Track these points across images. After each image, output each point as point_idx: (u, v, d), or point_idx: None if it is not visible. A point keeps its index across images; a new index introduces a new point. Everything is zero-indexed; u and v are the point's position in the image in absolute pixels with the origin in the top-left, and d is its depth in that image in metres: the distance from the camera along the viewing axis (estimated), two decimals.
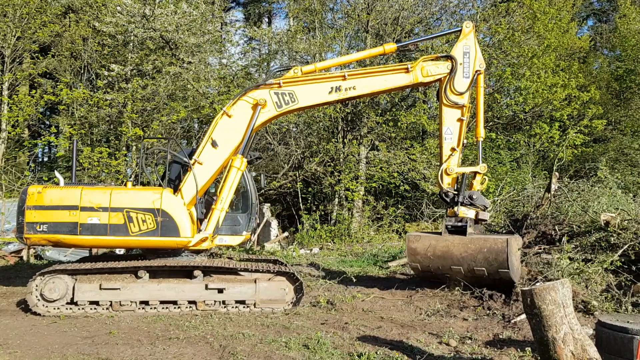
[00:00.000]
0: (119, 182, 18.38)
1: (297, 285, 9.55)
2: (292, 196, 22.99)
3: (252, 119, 9.67)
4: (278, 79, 9.76)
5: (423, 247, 9.93)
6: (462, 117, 9.88)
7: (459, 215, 9.75)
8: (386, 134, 21.61)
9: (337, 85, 9.73)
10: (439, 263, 9.81)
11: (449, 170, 9.89)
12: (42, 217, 9.10)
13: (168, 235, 9.22)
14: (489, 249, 9.30)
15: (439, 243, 9.77)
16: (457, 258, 9.58)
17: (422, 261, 9.96)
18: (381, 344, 7.12)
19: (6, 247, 15.03)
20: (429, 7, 21.78)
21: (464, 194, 9.72)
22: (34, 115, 22.46)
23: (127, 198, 9.28)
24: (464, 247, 9.53)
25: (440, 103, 10.02)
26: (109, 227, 9.14)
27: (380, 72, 9.91)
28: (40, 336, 7.46)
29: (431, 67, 9.85)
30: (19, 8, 21.07)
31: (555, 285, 5.39)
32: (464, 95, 9.86)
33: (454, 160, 9.91)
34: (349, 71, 9.96)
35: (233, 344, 7.11)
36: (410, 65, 9.76)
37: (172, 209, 9.29)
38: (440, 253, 9.74)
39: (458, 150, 9.89)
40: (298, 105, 9.79)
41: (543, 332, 5.37)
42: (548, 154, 22.40)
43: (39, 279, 8.84)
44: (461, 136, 9.91)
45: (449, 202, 9.89)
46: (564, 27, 25.08)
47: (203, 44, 21.53)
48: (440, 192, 10.11)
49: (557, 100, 20.77)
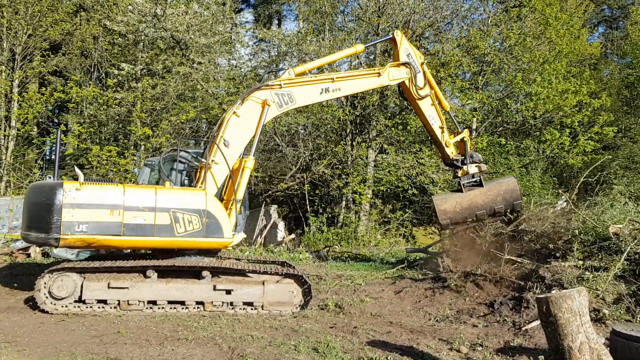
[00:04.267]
0: (128, 181, 18.37)
1: (306, 288, 9.51)
2: (300, 198, 22.94)
3: (262, 117, 10.01)
4: (279, 80, 10.30)
5: (451, 206, 11.77)
6: (434, 102, 11.94)
7: (469, 172, 11.86)
8: (395, 137, 21.54)
9: (326, 87, 10.82)
10: (466, 213, 11.70)
11: (447, 142, 12.05)
12: (82, 216, 8.55)
13: (213, 236, 9.19)
14: (506, 190, 11.66)
15: (464, 199, 11.72)
16: (481, 205, 11.65)
17: (452, 217, 11.74)
18: (391, 349, 7.05)
19: (14, 244, 15.03)
20: (440, 11, 21.70)
21: (469, 155, 11.91)
22: (43, 113, 22.51)
23: (173, 198, 9.13)
24: (484, 195, 11.67)
25: (413, 101, 11.94)
26: (155, 228, 8.94)
27: (360, 76, 11.39)
28: (48, 334, 7.42)
29: (395, 72, 11.56)
30: (30, 6, 21.14)
31: (572, 293, 5.32)
32: (425, 86, 11.76)
33: (446, 135, 12.07)
34: (337, 75, 11.10)
35: (242, 346, 7.05)
36: (381, 71, 11.39)
37: (216, 209, 9.27)
38: (466, 205, 11.67)
39: (444, 126, 12.05)
40: (295, 105, 10.67)
41: (559, 340, 5.29)
42: (558, 160, 22.23)
43: (48, 276, 8.78)
44: (440, 115, 12.01)
45: (460, 164, 11.97)
46: (576, 34, 24.94)
47: (213, 44, 21.52)
48: (450, 161, 12.16)
49: (567, 107, 20.62)
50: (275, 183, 22.99)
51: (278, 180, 23.09)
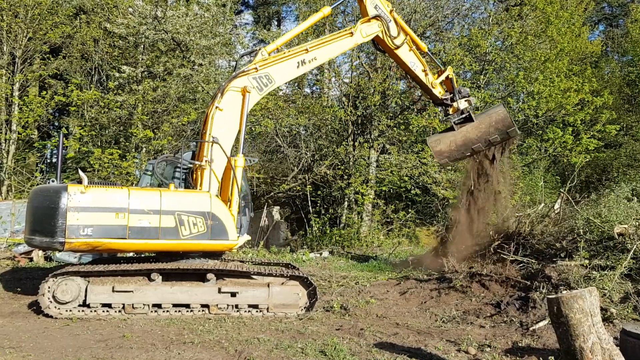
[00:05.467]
0: (130, 184, 18.32)
1: (311, 289, 9.46)
2: (302, 199, 22.88)
3: (244, 106, 9.88)
4: (254, 64, 10.13)
5: (446, 145, 12.09)
6: (411, 48, 12.00)
7: (460, 108, 12.19)
8: (397, 137, 21.48)
9: (301, 59, 10.59)
10: (462, 150, 12.03)
11: (434, 84, 12.29)
12: (87, 220, 8.47)
13: (217, 238, 9.15)
14: (497, 120, 11.82)
15: (457, 136, 12.01)
16: (475, 139, 11.90)
17: (449, 155, 12.12)
18: (399, 351, 7.00)
19: (16, 249, 14.98)
20: (441, 10, 21.66)
21: (457, 91, 12.26)
22: (44, 117, 22.45)
23: (177, 200, 9.09)
24: (476, 128, 11.89)
25: (390, 52, 11.90)
26: (160, 230, 8.89)
27: (332, 40, 11.10)
28: (53, 339, 7.37)
29: (367, 28, 11.46)
30: (30, 9, 21.08)
31: (583, 293, 5.27)
32: (399, 34, 11.75)
33: (430, 76, 12.24)
34: (310, 44, 10.82)
35: (249, 349, 7.00)
36: (353, 30, 11.21)
37: (220, 211, 9.22)
38: (461, 142, 11.96)
39: (427, 69, 12.17)
40: (275, 85, 10.53)
41: (570, 341, 5.24)
42: (560, 159, 22.17)
43: (52, 280, 8.72)
44: (420, 59, 12.11)
45: (450, 102, 12.31)
46: (576, 32, 24.89)
47: (214, 46, 21.47)
48: (439, 101, 12.49)
49: (570, 105, 20.56)
50: (277, 184, 22.94)
51: (280, 181, 23.04)
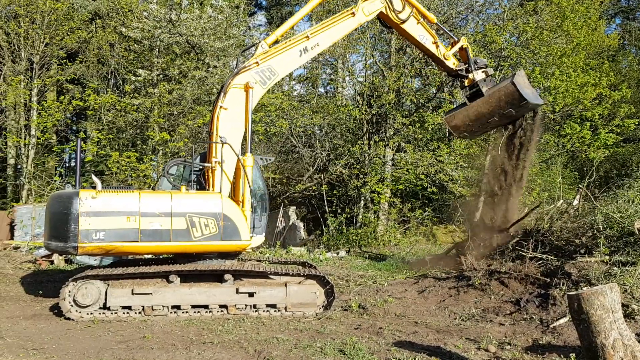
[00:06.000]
0: (147, 187, 18.47)
1: (328, 288, 9.47)
2: (318, 199, 22.90)
3: (248, 103, 9.86)
4: (254, 58, 10.07)
5: (460, 120, 11.97)
6: (418, 21, 11.62)
7: (476, 79, 11.74)
8: (412, 135, 21.39)
9: (303, 46, 10.42)
10: (478, 124, 11.80)
11: (446, 55, 11.90)
12: (99, 224, 8.65)
13: (230, 239, 9.21)
14: (506, 94, 11.30)
15: (469, 111, 11.80)
16: (488, 113, 11.59)
17: (466, 129, 12.03)
18: (418, 350, 6.98)
19: (37, 252, 15.19)
20: (454, 7, 21.54)
21: (473, 62, 11.83)
22: (62, 121, 22.71)
23: (188, 203, 9.17)
24: (487, 103, 11.54)
25: (397, 27, 11.57)
26: (171, 233, 9.00)
27: (334, 22, 10.83)
28: (75, 341, 7.46)
29: (369, 5, 11.14)
30: (47, 15, 21.34)
31: (604, 289, 5.22)
32: (404, 7, 11.38)
33: (442, 48, 11.88)
34: (310, 30, 10.60)
35: (268, 348, 7.03)
36: (354, 10, 10.90)
37: (232, 212, 9.28)
38: (474, 117, 11.74)
39: (437, 40, 11.87)
40: (279, 76, 10.39)
41: (591, 338, 5.20)
42: (578, 155, 21.92)
43: (72, 284, 8.83)
44: (429, 31, 11.77)
45: (465, 73, 11.89)
46: (593, 26, 24.58)
47: (228, 48, 21.55)
48: (454, 72, 12.06)
49: (587, 100, 20.31)
50: (293, 184, 22.99)
51: (296, 181, 23.08)
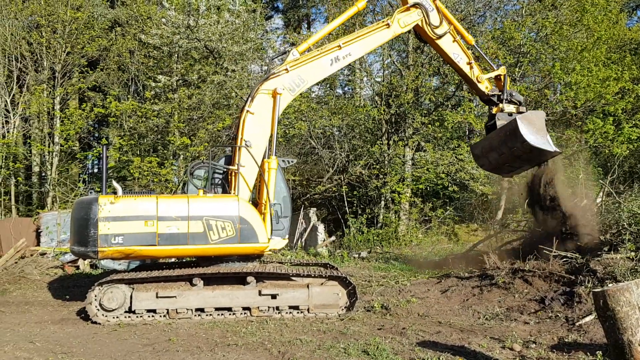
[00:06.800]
0: (169, 191, 18.67)
1: (350, 289, 9.48)
2: (338, 200, 22.90)
3: (275, 109, 9.88)
4: (285, 65, 10.07)
5: (479, 150, 12.15)
6: (455, 38, 11.41)
7: (505, 110, 11.45)
8: (432, 134, 21.28)
9: (335, 56, 10.40)
10: (493, 156, 11.64)
11: (479, 78, 11.61)
12: (117, 229, 8.87)
13: (247, 242, 9.27)
14: (509, 128, 10.97)
15: (485, 142, 11.96)
16: (497, 146, 11.38)
17: (484, 162, 12.12)
18: (442, 350, 6.95)
19: (63, 257, 15.45)
20: (472, 4, 21.39)
21: (507, 92, 11.48)
22: (84, 128, 23.08)
23: (205, 206, 9.27)
24: (497, 136, 11.36)
25: (432, 42, 11.39)
26: (188, 236, 9.09)
27: (368, 33, 10.76)
28: (102, 344, 7.58)
29: (405, 17, 11.01)
30: (68, 24, 21.71)
31: (630, 286, 5.15)
32: (442, 23, 11.21)
33: (475, 70, 11.59)
34: (343, 40, 10.54)
35: (292, 350, 7.06)
36: (389, 21, 10.81)
37: (249, 215, 9.34)
38: (488, 148, 11.73)
39: (472, 61, 11.58)
40: (308, 84, 10.40)
41: (618, 335, 5.13)
42: (602, 150, 21.58)
43: (98, 289, 8.99)
44: (465, 51, 11.50)
45: (496, 101, 11.56)
46: (614, 19, 24.19)
47: (246, 51, 21.70)
48: (486, 97, 11.71)
49: (609, 94, 19.99)
50: (313, 186, 23.00)
51: (315, 183, 23.10)
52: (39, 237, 16.87)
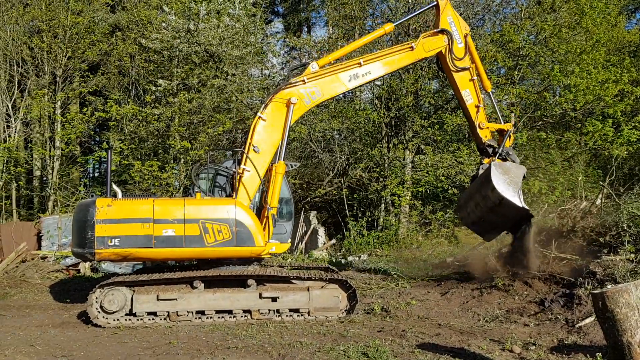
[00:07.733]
0: (169, 195, 18.70)
1: (351, 292, 9.51)
2: (338, 203, 22.90)
3: (287, 118, 9.98)
4: (302, 77, 10.11)
5: (462, 201, 11.90)
6: (472, 78, 11.10)
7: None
8: (432, 137, 21.30)
9: (354, 73, 10.36)
10: (470, 207, 11.09)
11: (482, 124, 11.19)
12: (114, 231, 8.98)
13: (244, 245, 9.32)
14: (484, 175, 10.46)
15: (465, 191, 12.11)
16: (474, 194, 10.94)
17: (464, 212, 11.51)
18: (442, 352, 6.97)
19: (64, 261, 15.47)
20: (471, 7, 21.44)
21: (504, 149, 11.03)
22: (85, 132, 23.13)
23: (201, 209, 9.34)
24: (475, 183, 11.06)
25: (449, 73, 11.15)
26: (184, 239, 9.17)
27: (390, 54, 10.69)
28: (102, 347, 7.61)
29: (430, 42, 10.88)
30: (69, 29, 21.79)
31: (628, 287, 5.18)
32: (465, 58, 10.99)
33: (481, 116, 11.20)
34: (364, 57, 10.51)
35: (292, 352, 7.09)
36: (414, 44, 10.73)
37: (245, 218, 9.39)
38: (467, 197, 11.39)
39: (481, 106, 11.17)
40: (322, 97, 10.35)
41: (617, 336, 5.16)
42: (601, 152, 21.59)
43: (99, 291, 9.03)
44: (477, 94, 11.15)
45: (491, 153, 11.13)
46: (612, 21, 24.24)
47: (246, 55, 21.75)
48: (483, 145, 11.25)
49: (609, 97, 20.02)
50: (313, 189, 23.03)
51: (316, 186, 23.13)
52: (40, 241, 16.90)
